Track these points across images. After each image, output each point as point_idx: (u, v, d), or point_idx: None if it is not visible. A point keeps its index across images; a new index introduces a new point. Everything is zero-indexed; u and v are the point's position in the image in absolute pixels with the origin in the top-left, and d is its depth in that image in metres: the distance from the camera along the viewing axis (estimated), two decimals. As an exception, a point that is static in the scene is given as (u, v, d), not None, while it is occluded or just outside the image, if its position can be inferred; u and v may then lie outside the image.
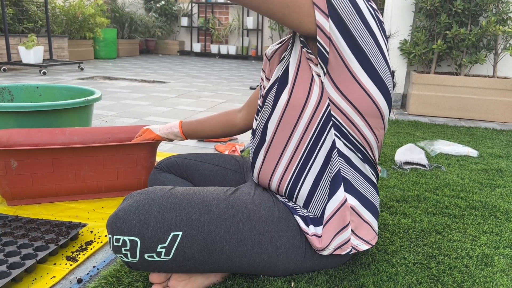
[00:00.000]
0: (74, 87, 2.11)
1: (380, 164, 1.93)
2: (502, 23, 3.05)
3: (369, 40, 0.83)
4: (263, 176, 0.98)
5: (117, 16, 7.85)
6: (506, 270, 1.06)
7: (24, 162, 1.30)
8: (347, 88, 0.86)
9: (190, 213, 0.85)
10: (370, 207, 0.94)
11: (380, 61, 0.87)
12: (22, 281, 0.94)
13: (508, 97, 3.14)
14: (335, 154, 0.90)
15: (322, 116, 0.89)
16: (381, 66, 0.87)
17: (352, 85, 0.86)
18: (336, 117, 0.88)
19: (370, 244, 0.95)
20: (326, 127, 0.89)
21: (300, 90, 0.89)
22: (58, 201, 1.40)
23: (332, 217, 0.90)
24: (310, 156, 0.91)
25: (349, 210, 0.90)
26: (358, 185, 0.93)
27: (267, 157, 0.96)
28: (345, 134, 0.89)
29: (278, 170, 0.95)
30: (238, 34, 8.54)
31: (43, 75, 4.63)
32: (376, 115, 0.90)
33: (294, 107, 0.90)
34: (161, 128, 1.35)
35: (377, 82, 0.87)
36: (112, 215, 0.85)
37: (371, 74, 0.86)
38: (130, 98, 3.48)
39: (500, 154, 2.17)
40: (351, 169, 0.91)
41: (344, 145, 0.90)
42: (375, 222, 0.96)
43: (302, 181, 0.93)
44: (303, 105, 0.89)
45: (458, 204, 1.47)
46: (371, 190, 0.95)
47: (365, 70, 0.85)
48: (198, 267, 0.86)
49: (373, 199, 0.95)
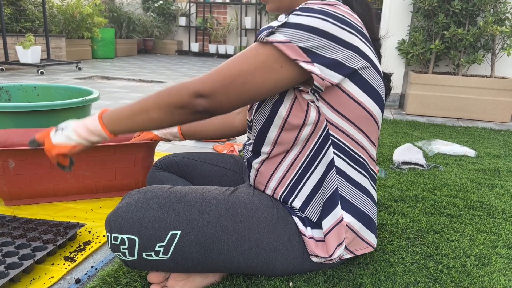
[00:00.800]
0: (72, 87, 2.11)
1: (378, 164, 1.93)
2: (499, 23, 3.06)
3: (356, 57, 0.83)
4: (260, 178, 0.98)
5: (115, 16, 7.83)
6: (504, 269, 1.06)
7: (22, 162, 1.30)
8: (343, 107, 0.86)
9: (189, 213, 0.85)
10: (366, 221, 0.95)
11: (371, 71, 0.87)
12: (20, 281, 0.94)
13: (505, 97, 3.15)
14: (333, 172, 0.90)
15: (320, 136, 0.89)
16: (372, 76, 0.87)
17: (348, 103, 0.86)
18: (335, 136, 0.88)
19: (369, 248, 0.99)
20: (324, 147, 0.89)
21: (298, 114, 0.88)
22: (56, 201, 1.40)
23: (328, 234, 0.91)
24: (309, 167, 0.91)
25: (345, 228, 0.91)
26: (356, 201, 0.93)
27: (266, 161, 0.96)
28: (345, 150, 0.90)
29: (277, 174, 0.95)
30: (236, 34, 8.54)
31: (41, 75, 4.62)
32: (371, 123, 0.91)
33: (292, 125, 0.89)
34: (160, 128, 1.34)
35: (370, 92, 0.88)
36: (110, 213, 0.85)
37: (364, 88, 0.86)
38: (128, 98, 3.48)
39: (498, 154, 2.18)
40: (349, 186, 0.92)
41: (344, 161, 0.90)
42: (371, 234, 0.97)
43: (299, 189, 0.93)
44: (301, 126, 0.89)
45: (456, 203, 1.47)
46: (369, 204, 0.96)
47: (358, 85, 0.85)
48: (196, 266, 0.86)
49: (370, 212, 0.96)
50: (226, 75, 0.79)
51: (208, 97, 0.80)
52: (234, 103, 0.82)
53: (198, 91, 0.80)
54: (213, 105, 0.81)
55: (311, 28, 0.78)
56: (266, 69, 0.79)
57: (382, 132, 2.58)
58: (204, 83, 0.80)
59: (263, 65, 0.79)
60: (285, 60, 0.79)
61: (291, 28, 0.78)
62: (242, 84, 0.80)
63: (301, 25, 0.78)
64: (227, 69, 0.80)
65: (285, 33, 0.78)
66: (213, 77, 0.80)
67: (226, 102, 0.81)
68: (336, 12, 0.80)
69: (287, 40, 0.78)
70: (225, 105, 0.81)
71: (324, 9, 0.79)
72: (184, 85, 0.82)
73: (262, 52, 0.80)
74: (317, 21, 0.78)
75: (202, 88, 0.80)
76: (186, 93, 0.81)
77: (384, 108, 1.02)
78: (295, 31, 0.78)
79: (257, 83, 0.80)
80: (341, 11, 0.81)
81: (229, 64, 0.81)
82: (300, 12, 0.79)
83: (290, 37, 0.78)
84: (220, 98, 0.80)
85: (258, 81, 0.80)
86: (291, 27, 0.78)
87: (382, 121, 2.88)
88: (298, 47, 0.78)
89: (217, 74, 0.80)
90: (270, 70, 0.80)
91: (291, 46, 0.78)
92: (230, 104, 0.82)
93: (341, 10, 0.82)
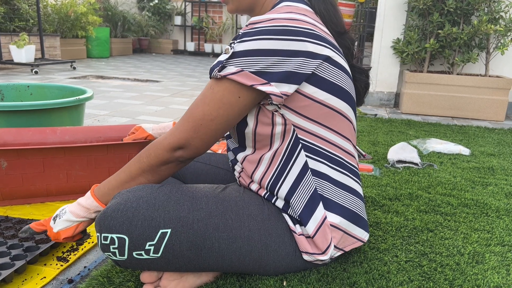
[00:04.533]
0: (65, 86, 2.10)
1: (373, 163, 1.93)
2: (493, 22, 3.07)
3: (307, 61, 0.83)
4: (244, 175, 0.98)
5: (110, 15, 7.80)
6: (497, 267, 1.06)
7: (14, 162, 1.29)
8: (306, 110, 0.87)
9: (179, 211, 0.85)
10: (353, 218, 0.95)
11: (328, 68, 0.86)
12: (12, 282, 0.93)
13: (500, 95, 3.16)
14: (309, 174, 0.90)
15: (290, 141, 0.89)
16: (330, 72, 0.87)
17: (309, 104, 0.87)
18: (304, 139, 0.89)
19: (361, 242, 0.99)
20: (295, 151, 0.90)
21: (264, 124, 0.89)
22: (49, 201, 1.39)
23: (315, 235, 0.91)
24: (282, 172, 0.92)
25: (329, 228, 0.91)
26: (339, 200, 0.93)
27: (248, 158, 0.96)
28: (317, 151, 0.90)
29: (256, 175, 0.95)
30: (232, 33, 8.53)
31: (35, 74, 4.59)
32: (338, 118, 0.91)
33: (262, 135, 0.91)
34: (154, 128, 1.34)
35: (330, 89, 0.87)
36: (100, 213, 0.85)
37: (323, 86, 0.86)
38: (122, 97, 3.47)
39: (492, 153, 2.19)
40: (330, 185, 0.92)
41: (318, 162, 0.91)
42: (360, 230, 0.97)
43: (276, 191, 0.93)
44: (270, 134, 0.90)
45: (450, 202, 1.48)
46: (353, 200, 0.95)
47: (316, 85, 0.86)
48: (188, 265, 0.86)
49: (355, 209, 0.96)
50: (193, 121, 0.84)
51: (185, 147, 0.86)
52: (209, 142, 0.87)
53: (174, 144, 0.85)
54: (191, 152, 0.87)
55: (257, 51, 0.80)
56: (226, 104, 0.83)
57: (377, 131, 2.59)
58: (177, 135, 0.85)
59: (222, 101, 0.83)
60: (242, 88, 0.82)
61: (239, 57, 0.81)
62: (210, 124, 0.84)
63: (247, 51, 0.81)
64: (193, 116, 0.85)
65: (235, 63, 0.81)
66: (183, 127, 0.85)
67: (202, 144, 0.86)
68: (277, 26, 0.81)
69: (239, 70, 0.81)
70: (202, 146, 0.87)
71: (264, 28, 0.81)
72: (159, 143, 0.87)
73: (218, 90, 0.83)
74: (260, 43, 0.80)
75: (177, 141, 0.85)
76: (164, 150, 0.86)
77: (357, 99, 1.02)
78: (243, 59, 0.81)
79: (223, 117, 0.84)
80: (286, 20, 0.82)
81: (192, 110, 0.85)
82: (244, 38, 0.82)
83: (241, 65, 0.81)
84: (195, 143, 0.86)
85: (223, 115, 0.84)
86: (239, 56, 0.81)
87: (378, 120, 2.89)
88: (251, 73, 0.81)
89: (185, 123, 0.85)
90: (230, 104, 0.83)
91: (244, 74, 0.81)
92: (206, 144, 0.87)
93: (287, 17, 0.82)
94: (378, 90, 3.62)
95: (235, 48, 0.82)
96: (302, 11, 0.87)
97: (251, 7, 0.97)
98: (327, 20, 0.95)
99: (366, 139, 2.37)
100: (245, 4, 0.96)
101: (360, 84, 1.03)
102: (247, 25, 0.84)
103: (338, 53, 0.89)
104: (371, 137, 2.43)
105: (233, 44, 0.83)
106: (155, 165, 0.88)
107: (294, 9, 0.87)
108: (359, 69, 1.03)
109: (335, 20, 0.96)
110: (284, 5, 0.90)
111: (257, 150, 0.94)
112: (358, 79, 1.02)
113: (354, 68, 1.02)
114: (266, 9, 0.96)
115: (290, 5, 0.89)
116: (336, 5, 0.98)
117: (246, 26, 0.84)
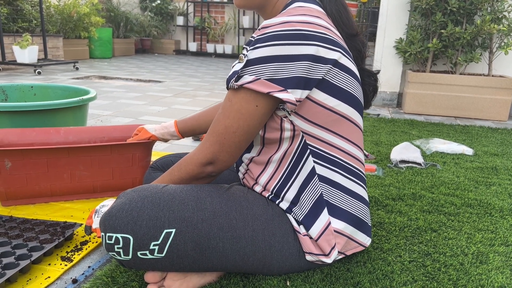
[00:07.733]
0: (69, 86, 2.10)
1: (376, 163, 1.93)
2: (497, 21, 3.06)
3: (320, 67, 0.83)
4: (248, 177, 0.98)
5: (112, 15, 7.81)
6: (501, 267, 1.06)
7: (19, 162, 1.30)
8: (315, 116, 0.87)
9: (184, 210, 0.85)
10: (358, 224, 0.95)
11: (343, 77, 0.86)
12: (17, 281, 0.94)
13: (503, 95, 3.15)
14: (316, 180, 0.90)
15: (298, 147, 0.90)
16: (341, 79, 0.87)
17: (319, 111, 0.87)
18: (313, 145, 0.89)
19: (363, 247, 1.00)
20: (303, 157, 0.90)
21: (273, 129, 0.90)
22: (53, 201, 1.39)
23: (318, 239, 0.91)
24: (290, 177, 0.92)
25: (333, 234, 0.91)
26: (345, 206, 0.93)
27: (255, 159, 0.96)
28: (325, 157, 0.90)
29: (262, 178, 0.95)
30: (234, 33, 8.53)
31: (38, 75, 4.61)
32: (347, 124, 0.91)
33: (270, 140, 0.91)
34: (157, 128, 1.34)
35: (340, 96, 0.87)
36: (105, 213, 0.85)
37: (333, 92, 0.86)
38: (125, 98, 3.47)
39: (495, 152, 2.18)
40: (336, 191, 0.92)
41: (326, 168, 0.91)
42: (363, 235, 0.98)
43: (283, 195, 0.93)
44: (279, 140, 0.90)
45: (453, 202, 1.47)
46: (358, 206, 0.96)
47: (326, 92, 0.86)
48: (192, 265, 0.86)
49: (360, 214, 0.96)
50: (217, 136, 0.86)
51: (213, 162, 0.88)
52: (236, 154, 0.88)
53: (203, 161, 0.88)
54: (221, 166, 0.89)
55: (271, 58, 0.80)
56: (245, 114, 0.84)
57: (380, 131, 2.58)
58: (204, 151, 0.88)
59: (241, 112, 0.84)
60: (258, 96, 0.82)
61: (254, 65, 0.81)
62: (233, 137, 0.85)
63: (261, 59, 0.81)
64: (216, 131, 0.86)
65: (250, 71, 0.81)
66: (209, 143, 0.87)
67: (229, 157, 0.88)
68: (291, 30, 0.80)
69: (255, 78, 0.81)
70: (229, 160, 0.88)
71: (277, 32, 0.80)
72: (190, 158, 0.90)
73: (236, 101, 0.84)
74: (274, 49, 0.80)
75: (205, 157, 0.88)
76: (194, 166, 0.89)
77: (364, 105, 1.02)
78: (258, 66, 0.81)
79: (243, 128, 0.85)
80: (300, 23, 0.81)
81: (215, 125, 0.87)
82: (257, 44, 0.81)
83: (257, 74, 0.81)
84: (222, 157, 0.87)
85: (243, 126, 0.85)
86: (253, 64, 0.81)
87: (380, 120, 2.89)
88: (267, 80, 0.80)
89: (210, 139, 0.87)
90: (249, 113, 0.84)
91: (260, 82, 0.81)
92: (233, 157, 0.88)
93: (301, 20, 0.82)
94: (380, 90, 3.61)
95: (248, 56, 0.82)
96: (316, 13, 0.86)
97: (262, 4, 0.95)
98: (339, 22, 0.94)
99: (369, 139, 2.36)
100: (257, 1, 0.95)
101: (369, 88, 1.02)
102: (260, 29, 0.83)
103: (348, 56, 0.89)
104: (374, 137, 2.43)
105: (247, 51, 0.82)
106: (185, 179, 0.92)
107: (308, 10, 0.86)
108: (368, 72, 1.02)
109: (346, 22, 0.95)
110: (297, 6, 0.88)
111: (265, 151, 0.94)
112: (367, 82, 1.01)
113: (364, 71, 1.01)
114: (278, 9, 0.95)
115: (303, 6, 0.88)
116: (347, 6, 0.97)
117: (258, 30, 0.83)
